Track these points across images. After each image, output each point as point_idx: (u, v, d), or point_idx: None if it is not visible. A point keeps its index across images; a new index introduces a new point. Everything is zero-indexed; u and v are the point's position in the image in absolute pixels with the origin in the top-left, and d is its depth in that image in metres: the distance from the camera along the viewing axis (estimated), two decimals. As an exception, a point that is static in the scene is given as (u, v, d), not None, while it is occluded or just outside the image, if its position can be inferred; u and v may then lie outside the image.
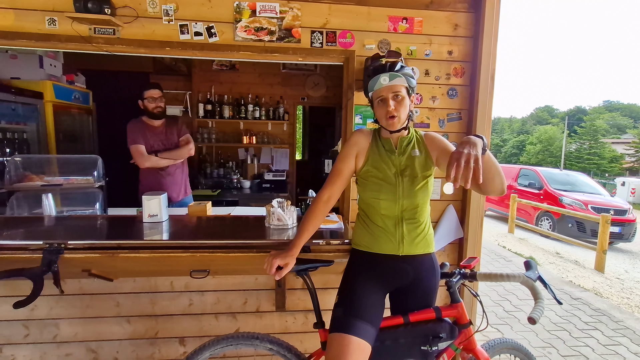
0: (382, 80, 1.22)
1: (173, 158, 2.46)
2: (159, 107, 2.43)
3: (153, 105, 2.41)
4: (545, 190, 7.74)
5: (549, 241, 6.59)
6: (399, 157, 1.31)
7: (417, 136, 1.36)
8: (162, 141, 2.49)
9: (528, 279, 1.24)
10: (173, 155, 2.46)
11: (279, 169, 4.54)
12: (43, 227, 1.75)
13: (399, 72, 1.23)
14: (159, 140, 2.48)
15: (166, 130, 2.52)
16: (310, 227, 1.32)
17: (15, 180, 2.04)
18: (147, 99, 2.41)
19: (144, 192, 2.39)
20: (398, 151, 1.32)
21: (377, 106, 1.28)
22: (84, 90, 3.46)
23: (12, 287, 1.68)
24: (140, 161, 2.41)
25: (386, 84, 1.23)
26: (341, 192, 1.37)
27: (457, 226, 2.05)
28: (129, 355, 1.82)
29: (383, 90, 1.24)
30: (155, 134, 2.48)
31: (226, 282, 1.83)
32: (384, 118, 1.26)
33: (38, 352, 1.77)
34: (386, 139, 1.34)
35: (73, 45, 1.79)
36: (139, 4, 1.78)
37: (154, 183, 2.50)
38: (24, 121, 2.82)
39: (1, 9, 1.73)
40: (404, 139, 1.33)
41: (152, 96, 2.40)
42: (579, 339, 2.77)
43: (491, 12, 1.88)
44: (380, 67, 1.24)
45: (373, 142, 1.35)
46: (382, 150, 1.33)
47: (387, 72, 1.22)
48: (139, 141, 2.40)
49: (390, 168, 1.30)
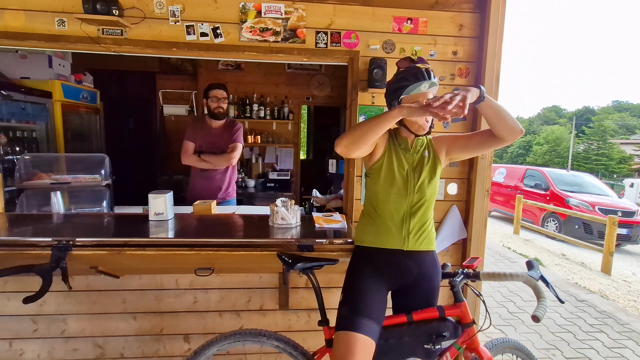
0: (423, 87, 1.26)
1: (211, 163, 2.44)
2: (220, 108, 2.44)
3: (215, 105, 2.43)
4: (552, 191, 7.68)
5: (555, 242, 6.54)
6: (413, 156, 1.37)
7: (427, 139, 1.43)
8: (211, 144, 2.48)
9: (531, 278, 1.24)
10: (212, 160, 2.44)
11: (283, 168, 4.56)
12: (52, 225, 1.78)
13: (435, 80, 1.27)
14: (209, 142, 2.48)
15: (220, 134, 2.51)
16: None
17: (24, 178, 2.08)
18: (210, 98, 2.44)
19: (191, 189, 2.56)
20: (413, 150, 1.38)
21: None
22: (92, 90, 3.51)
23: (22, 282, 1.71)
24: (182, 157, 2.45)
25: (425, 90, 1.27)
26: None
27: (461, 227, 2.05)
28: (135, 351, 1.85)
29: (420, 96, 1.27)
30: (208, 135, 2.49)
31: (230, 280, 1.85)
32: (417, 124, 1.32)
33: (46, 346, 1.80)
34: (403, 138, 1.39)
35: (82, 45, 1.82)
36: (146, 5, 1.80)
37: (194, 182, 2.56)
38: (34, 120, 2.87)
39: (12, 11, 1.76)
40: (419, 140, 1.40)
41: (216, 96, 2.43)
42: (583, 341, 2.75)
43: (496, 13, 1.88)
44: (421, 74, 1.25)
45: (390, 139, 1.39)
46: (399, 147, 1.38)
47: (428, 80, 1.25)
48: (190, 138, 2.46)
49: (404, 165, 1.35)
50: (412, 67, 1.27)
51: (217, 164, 2.46)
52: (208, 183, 2.52)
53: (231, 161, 2.45)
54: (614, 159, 27.53)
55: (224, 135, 2.51)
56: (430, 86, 1.27)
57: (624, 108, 49.74)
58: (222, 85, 2.49)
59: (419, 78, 1.24)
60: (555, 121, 46.27)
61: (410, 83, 1.25)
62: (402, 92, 1.28)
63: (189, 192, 2.61)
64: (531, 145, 37.17)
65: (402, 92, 1.28)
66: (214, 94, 2.44)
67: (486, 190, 2.01)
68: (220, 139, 2.50)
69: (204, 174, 2.52)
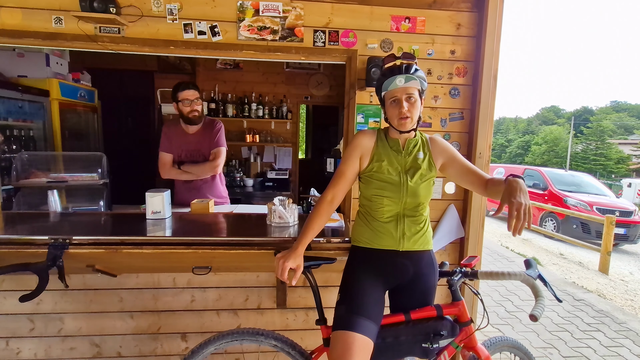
0: (398, 81, 1.23)
1: (194, 173, 2.18)
2: (195, 111, 2.12)
3: (188, 109, 2.11)
4: (550, 190, 7.70)
5: (553, 242, 6.56)
6: (405, 158, 1.34)
7: (422, 139, 1.39)
8: (191, 151, 2.22)
9: (529, 277, 1.25)
10: (194, 170, 2.17)
11: (281, 167, 4.56)
12: (48, 223, 1.78)
13: (414, 75, 1.24)
14: (189, 150, 2.22)
15: (199, 140, 2.22)
16: (315, 226, 1.33)
17: (21, 176, 2.08)
18: (181, 102, 2.11)
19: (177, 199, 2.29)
20: (405, 152, 1.34)
21: (390, 106, 1.29)
22: (90, 89, 3.50)
23: (18, 281, 1.71)
24: (161, 171, 2.19)
25: (401, 85, 1.24)
26: (345, 193, 1.38)
27: (459, 225, 2.05)
28: (132, 350, 1.85)
29: (397, 91, 1.25)
30: (186, 142, 2.21)
31: (228, 279, 1.84)
32: (396, 118, 1.28)
33: (43, 345, 1.80)
34: (394, 139, 1.36)
35: (79, 44, 1.81)
36: (144, 3, 1.79)
37: (180, 195, 2.30)
38: (31, 119, 2.86)
39: (9, 8, 1.75)
40: (411, 140, 1.36)
41: (186, 98, 2.10)
42: (581, 340, 2.75)
43: (494, 12, 1.88)
44: (396, 68, 1.24)
45: (379, 141, 1.36)
46: (389, 150, 1.34)
47: (403, 74, 1.23)
48: (165, 149, 2.19)
49: (396, 167, 1.32)
50: (389, 62, 1.27)
51: (201, 174, 2.20)
52: (195, 194, 2.24)
53: (216, 169, 2.19)
54: (612, 159, 27.63)
55: (204, 139, 2.23)
56: (406, 80, 1.23)
57: (622, 108, 49.88)
58: (191, 84, 2.16)
59: (394, 72, 1.23)
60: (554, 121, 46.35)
61: (386, 78, 1.25)
62: (382, 88, 1.28)
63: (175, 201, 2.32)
64: (530, 145, 37.26)
65: (381, 89, 1.28)
66: (184, 96, 2.10)
67: (484, 189, 2.01)
68: (201, 144, 2.23)
69: (189, 185, 2.27)
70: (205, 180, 2.27)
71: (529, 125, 48.48)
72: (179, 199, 2.31)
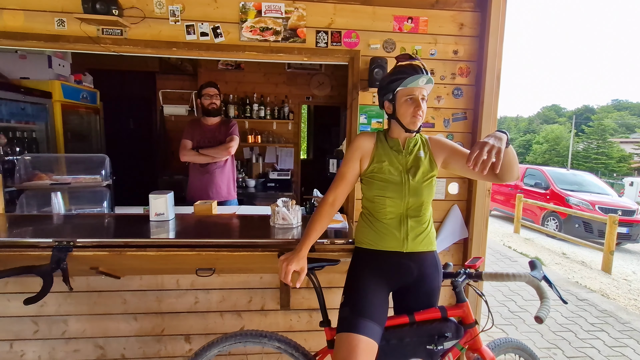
0: (421, 81, 1.26)
1: (211, 155, 2.51)
2: (213, 104, 2.54)
3: (208, 102, 2.53)
4: (552, 190, 7.67)
5: (555, 241, 6.54)
6: (406, 157, 1.34)
7: (422, 139, 1.40)
8: (209, 139, 2.56)
9: (533, 279, 1.24)
10: (211, 152, 2.51)
11: (283, 168, 4.55)
12: (52, 225, 1.78)
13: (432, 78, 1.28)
14: (207, 139, 2.56)
15: (217, 130, 2.60)
16: (317, 228, 1.33)
17: (24, 178, 2.08)
18: (203, 96, 2.53)
19: (190, 188, 2.62)
20: (405, 151, 1.35)
21: (404, 103, 1.29)
22: (92, 90, 3.50)
23: (23, 284, 1.71)
24: (180, 154, 2.53)
25: (422, 85, 1.27)
26: (346, 195, 1.39)
27: (462, 226, 2.05)
28: (136, 352, 1.85)
29: (416, 89, 1.27)
30: (205, 132, 2.58)
31: (231, 280, 1.84)
32: (410, 116, 1.28)
33: (47, 347, 1.80)
34: (394, 139, 1.36)
35: (81, 45, 1.81)
36: (146, 4, 1.80)
37: (194, 179, 2.62)
38: (33, 120, 2.86)
39: (12, 10, 1.75)
40: (411, 140, 1.36)
41: (208, 93, 2.53)
42: (584, 340, 2.74)
43: (497, 12, 1.87)
44: (419, 68, 1.26)
45: (378, 143, 1.37)
46: (390, 150, 1.35)
47: (426, 75, 1.25)
48: (188, 137, 2.55)
49: (397, 167, 1.33)
50: (411, 62, 1.28)
51: (217, 155, 2.53)
52: (208, 178, 2.57)
53: (229, 150, 2.51)
54: (613, 158, 27.53)
55: (220, 132, 2.60)
56: (427, 82, 1.27)
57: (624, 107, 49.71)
58: (212, 83, 2.59)
59: (419, 72, 1.25)
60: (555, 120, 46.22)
61: (408, 75, 1.25)
62: (399, 84, 1.27)
63: (188, 192, 2.65)
64: (531, 144, 37.18)
65: (398, 85, 1.28)
66: (206, 91, 2.54)
67: (487, 189, 2.00)
68: (219, 135, 2.59)
69: (203, 169, 2.57)
70: (218, 165, 2.59)
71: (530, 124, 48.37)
72: (192, 184, 2.63)
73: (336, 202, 1.36)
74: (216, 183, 2.59)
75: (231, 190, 2.70)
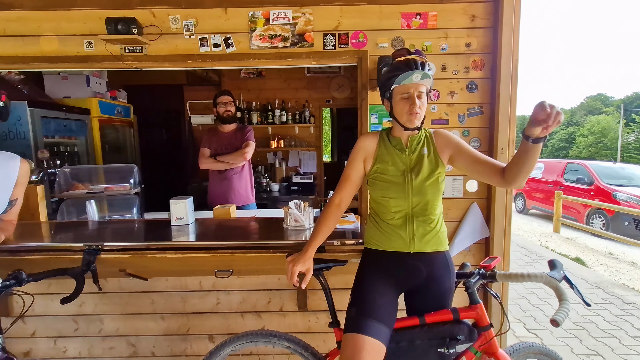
0: (414, 77, 1.21)
1: (227, 161, 2.60)
2: (228, 111, 2.63)
3: (223, 110, 2.63)
4: (597, 185, 7.11)
5: (602, 241, 6.05)
6: (410, 156, 1.31)
7: (426, 134, 1.36)
8: (225, 146, 2.67)
9: (551, 279, 1.17)
10: (227, 158, 2.60)
11: (306, 171, 4.60)
12: (85, 231, 1.93)
13: (428, 72, 1.23)
14: (223, 146, 2.67)
15: (234, 137, 2.69)
16: (324, 229, 1.34)
17: (64, 189, 2.27)
18: (218, 104, 2.63)
19: (210, 194, 2.75)
20: (409, 150, 1.32)
21: (400, 101, 1.27)
22: (126, 105, 3.76)
23: (63, 285, 1.86)
24: (199, 162, 2.65)
25: (417, 81, 1.22)
26: (352, 196, 1.39)
27: (483, 225, 1.97)
28: (164, 350, 1.95)
29: (411, 86, 1.23)
30: (221, 139, 2.69)
31: (250, 282, 1.89)
32: (406, 114, 1.25)
33: (86, 344, 1.94)
34: (397, 137, 1.34)
35: (107, 64, 1.97)
36: (163, 21, 1.91)
37: (213, 186, 2.73)
38: (75, 135, 3.13)
39: (47, 37, 1.94)
40: (414, 137, 1.33)
41: (222, 101, 2.63)
42: (630, 347, 2.52)
43: (511, 0, 1.79)
44: (413, 63, 1.22)
45: (381, 143, 1.35)
46: (392, 149, 1.33)
47: (420, 70, 1.21)
48: (205, 145, 2.68)
49: (400, 166, 1.30)
50: (405, 56, 1.24)
51: (233, 161, 2.61)
52: (226, 184, 2.66)
53: (245, 156, 2.58)
54: (670, 148, 25.00)
55: (236, 139, 2.68)
56: (422, 77, 1.21)
57: (682, 91, 44.96)
58: (226, 91, 2.69)
59: (412, 67, 1.20)
60: (601, 110, 42.68)
61: (401, 72, 1.22)
62: (393, 81, 1.24)
63: (209, 198, 2.76)
64: (574, 137, 34.58)
65: (393, 82, 1.25)
66: (221, 100, 2.63)
67: (509, 186, 1.91)
68: (235, 141, 2.67)
69: (221, 175, 2.67)
70: (235, 171, 2.68)
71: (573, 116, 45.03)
72: (212, 190, 2.73)
73: (342, 204, 1.36)
74: (234, 188, 2.67)
75: (249, 194, 2.77)
